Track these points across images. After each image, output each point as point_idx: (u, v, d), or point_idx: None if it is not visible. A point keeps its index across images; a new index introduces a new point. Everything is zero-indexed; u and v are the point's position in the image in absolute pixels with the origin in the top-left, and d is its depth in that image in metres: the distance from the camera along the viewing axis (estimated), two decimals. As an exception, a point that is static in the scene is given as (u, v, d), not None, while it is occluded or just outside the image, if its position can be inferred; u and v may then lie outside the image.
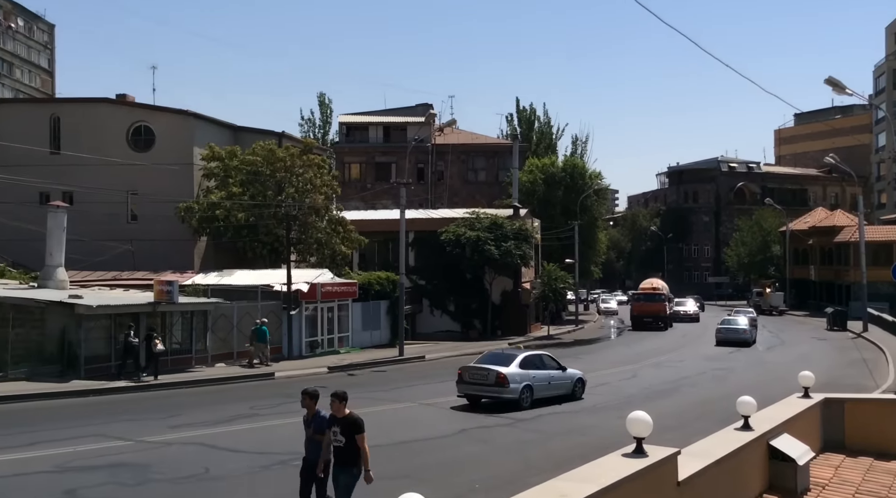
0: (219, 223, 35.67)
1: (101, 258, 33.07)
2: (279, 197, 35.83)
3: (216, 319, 29.27)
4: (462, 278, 43.77)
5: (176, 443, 14.99)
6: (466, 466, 13.74)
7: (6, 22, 78.51)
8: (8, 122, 38.19)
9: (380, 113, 64.10)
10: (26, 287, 27.02)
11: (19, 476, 12.19)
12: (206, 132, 39.00)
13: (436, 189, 59.37)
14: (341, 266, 39.38)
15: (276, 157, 36.45)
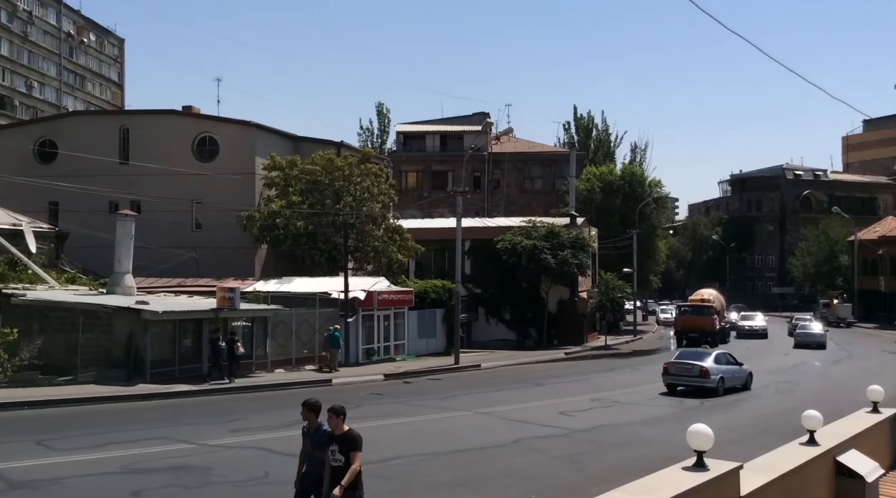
0: (279, 231, 36.40)
1: (166, 265, 34.05)
2: (337, 205, 36.39)
3: (276, 325, 29.83)
4: (518, 287, 43.60)
5: (236, 447, 15.30)
6: (522, 476, 13.65)
7: (79, 37, 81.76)
8: (80, 134, 39.75)
9: (436, 122, 64.50)
10: (95, 293, 27.98)
11: (89, 477, 12.62)
12: (267, 142, 39.88)
13: (492, 197, 59.37)
14: (397, 274, 39.70)
15: (334, 167, 37.09)
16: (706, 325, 45.56)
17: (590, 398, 23.73)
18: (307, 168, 36.96)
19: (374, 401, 23.13)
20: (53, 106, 74.70)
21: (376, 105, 79.84)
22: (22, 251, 29.95)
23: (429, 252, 43.02)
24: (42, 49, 75.74)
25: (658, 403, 23.59)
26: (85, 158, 36.90)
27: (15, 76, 71.82)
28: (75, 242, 34.51)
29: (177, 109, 41.98)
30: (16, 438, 15.62)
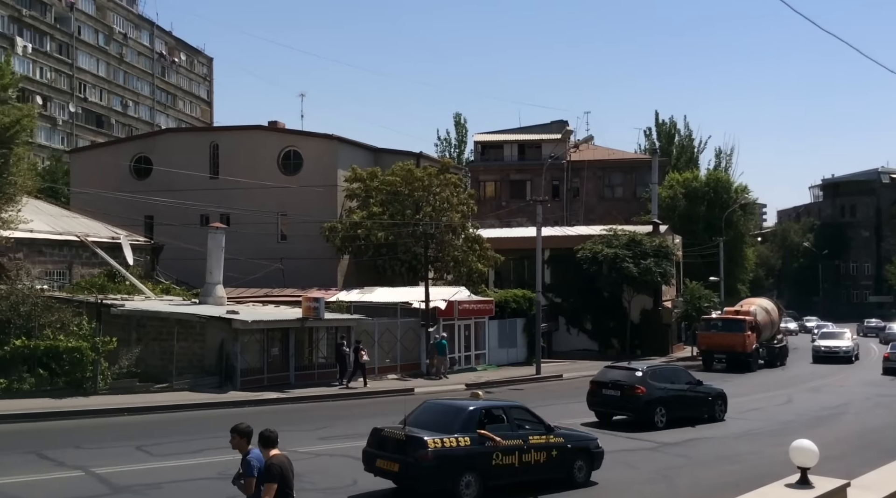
0: (360, 242, 37.02)
1: (253, 276, 35.10)
2: (417, 216, 36.77)
3: (358, 334, 30.27)
4: (599, 296, 42.98)
5: (324, 454, 15.60)
6: (610, 490, 13.41)
7: (170, 57, 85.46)
8: (173, 150, 41.49)
9: (514, 131, 64.39)
10: (189, 303, 29.08)
11: (186, 482, 13.10)
12: (348, 155, 40.67)
13: (571, 206, 58.79)
14: (477, 284, 39.76)
15: (414, 177, 37.52)
16: (736, 344, 37.14)
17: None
18: (387, 179, 37.50)
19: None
20: (147, 124, 78.27)
21: (454, 116, 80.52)
22: (120, 263, 31.43)
23: (508, 261, 42.91)
24: (136, 69, 79.52)
25: (751, 416, 22.78)
26: (177, 173, 38.53)
27: (112, 96, 75.62)
28: (169, 254, 35.97)
29: (263, 124, 43.33)
30: (117, 443, 16.34)
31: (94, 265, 31.49)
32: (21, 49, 61.10)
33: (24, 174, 20.40)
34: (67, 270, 31.04)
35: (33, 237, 28.37)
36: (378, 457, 12.24)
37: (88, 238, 31.70)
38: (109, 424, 18.92)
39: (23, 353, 21.43)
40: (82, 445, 15.73)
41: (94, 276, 30.59)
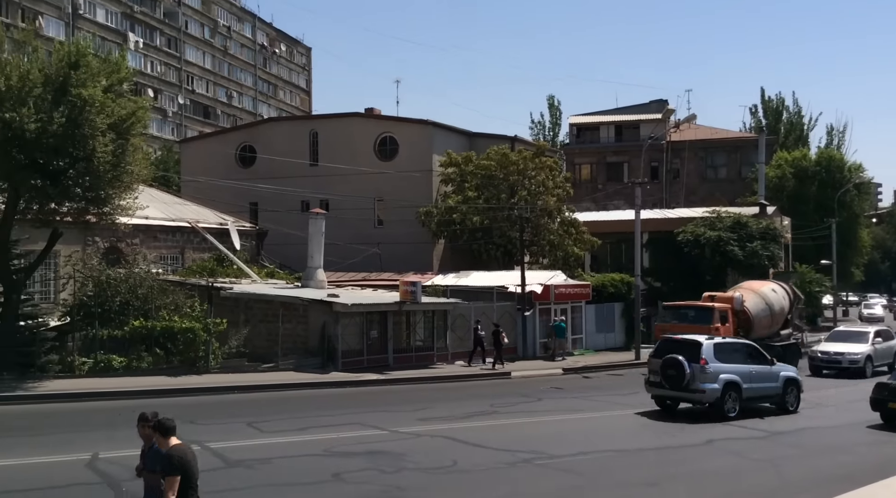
0: (455, 226, 37.25)
1: (352, 260, 35.92)
2: (512, 200, 36.64)
3: (455, 318, 30.52)
4: (701, 280, 41.56)
5: (425, 435, 15.86)
6: (715, 478, 13.06)
7: (271, 48, 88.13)
8: (275, 139, 42.84)
9: (611, 112, 63.05)
10: (292, 287, 30.06)
11: (294, 458, 13.61)
12: (443, 140, 40.89)
13: (671, 188, 57.14)
14: (574, 268, 39.31)
15: (509, 161, 37.38)
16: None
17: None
18: (482, 163, 37.52)
19: (555, 395, 23.07)
20: (250, 113, 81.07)
21: (547, 98, 79.86)
22: (228, 248, 32.83)
23: (605, 245, 42.20)
24: (239, 61, 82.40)
25: (863, 407, 21.56)
26: (280, 161, 39.82)
27: (217, 87, 78.70)
28: (273, 239, 37.28)
29: (359, 112, 44.09)
30: (229, 419, 17.13)
31: (204, 250, 32.99)
32: (133, 44, 64.32)
33: (139, 164, 21.44)
34: (180, 255, 32.66)
35: (149, 224, 29.97)
36: None
37: (199, 224, 33.22)
38: (221, 402, 19.83)
39: (141, 333, 22.72)
40: (197, 421, 16.56)
41: (205, 260, 32.04)
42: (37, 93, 18.88)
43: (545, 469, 13.22)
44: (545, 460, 13.74)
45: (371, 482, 12.03)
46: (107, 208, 21.11)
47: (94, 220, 21.97)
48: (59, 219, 21.27)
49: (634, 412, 19.64)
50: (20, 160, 19.03)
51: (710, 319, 28.47)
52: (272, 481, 11.88)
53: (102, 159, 19.39)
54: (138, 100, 22.15)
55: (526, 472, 12.94)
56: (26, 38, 20.90)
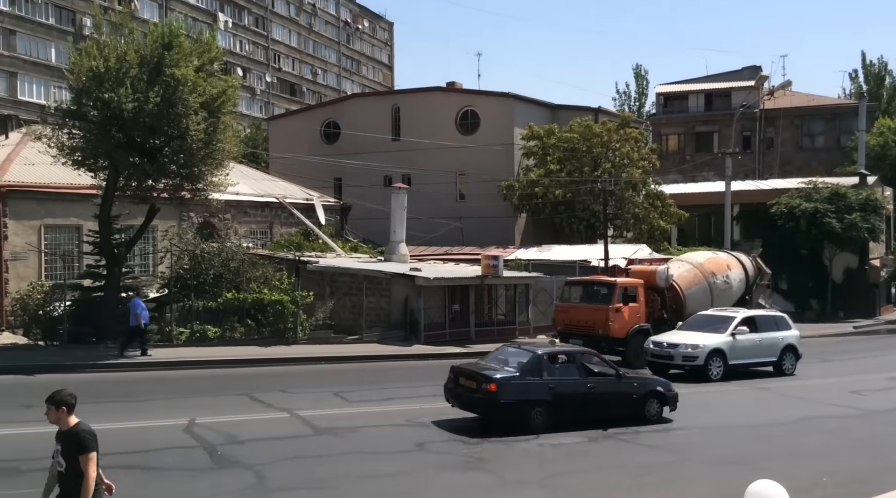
0: (537, 200, 36.96)
1: (434, 234, 36.19)
2: (596, 172, 36.04)
3: (537, 292, 30.39)
4: (796, 254, 40.06)
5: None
6: (809, 456, 12.65)
7: (355, 24, 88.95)
8: (358, 115, 43.38)
9: (700, 80, 60.85)
10: (375, 261, 30.58)
11: (379, 427, 13.95)
12: (525, 112, 40.49)
13: (764, 158, 54.87)
14: (659, 241, 38.46)
15: (592, 133, 36.76)
16: (596, 322, 22.93)
17: (887, 377, 21.23)
18: (565, 136, 37.05)
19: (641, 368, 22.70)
20: (334, 90, 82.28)
21: (634, 67, 77.74)
22: (314, 223, 33.64)
23: (692, 218, 41.06)
24: (324, 38, 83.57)
25: None
26: (363, 137, 40.36)
27: (303, 65, 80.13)
28: (356, 214, 37.94)
29: (441, 86, 44.11)
30: (316, 388, 17.66)
31: (291, 224, 33.90)
32: (223, 24, 66.07)
33: (230, 141, 22.11)
34: (269, 230, 33.67)
35: (239, 199, 30.98)
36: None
37: (286, 200, 34.12)
38: (309, 372, 20.45)
39: (233, 304, 23.61)
40: (287, 390, 17.17)
41: (292, 234, 32.94)
42: (133, 73, 19.65)
43: (631, 445, 13.11)
44: (628, 436, 13.61)
45: (454, 453, 12.20)
46: (200, 185, 21.92)
47: (189, 196, 22.84)
48: (156, 195, 22.21)
49: (726, 390, 19.18)
50: (119, 139, 19.92)
51: (608, 298, 22.94)
52: (358, 449, 12.21)
53: (195, 137, 20.09)
54: (228, 79, 22.75)
55: (607, 447, 12.87)
56: (123, 20, 21.73)
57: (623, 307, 22.90)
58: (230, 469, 10.71)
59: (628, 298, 23.28)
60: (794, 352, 21.73)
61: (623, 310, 22.86)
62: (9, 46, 48.52)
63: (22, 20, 49.43)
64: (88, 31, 43.60)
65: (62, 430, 6.50)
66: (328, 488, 10.05)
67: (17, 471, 10.31)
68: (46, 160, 22.10)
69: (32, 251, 25.18)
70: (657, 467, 11.73)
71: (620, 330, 22.64)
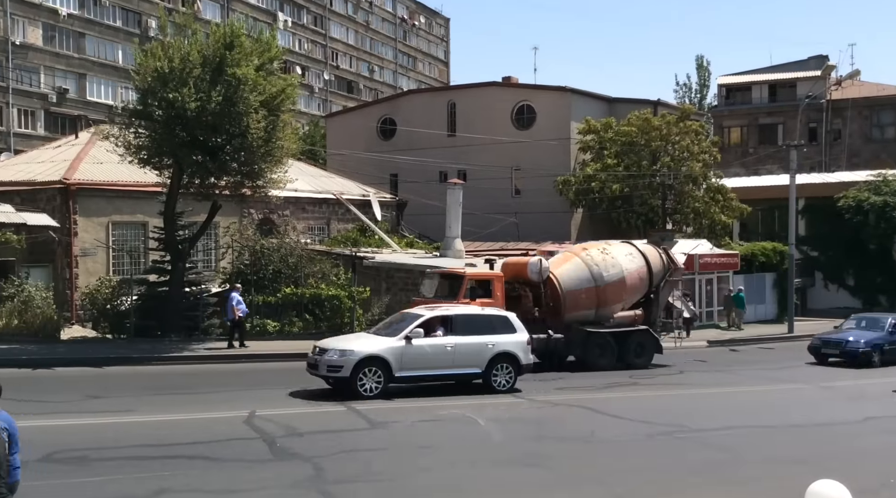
0: (594, 195, 36.56)
1: (489, 230, 36.14)
2: (654, 166, 35.46)
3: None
4: (864, 249, 38.64)
5: (562, 404, 15.84)
6: (875, 457, 12.23)
7: (411, 20, 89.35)
8: (414, 111, 43.59)
9: (764, 71, 59.16)
10: (430, 256, 30.69)
11: (433, 422, 14.05)
12: (582, 106, 40.08)
13: (831, 150, 53.05)
14: (720, 236, 37.64)
15: (651, 127, 36.16)
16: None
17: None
18: (622, 129, 36.54)
19: (698, 368, 22.34)
20: (391, 87, 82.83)
21: (695, 58, 76.27)
22: (370, 219, 33.98)
23: (755, 212, 40.04)
24: (380, 35, 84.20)
25: None
26: (418, 133, 40.55)
27: (360, 62, 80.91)
28: (412, 210, 38.14)
29: (497, 81, 43.97)
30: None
31: (348, 220, 34.31)
32: (282, 23, 67.18)
33: (289, 139, 22.50)
34: (326, 225, 34.15)
35: (297, 196, 31.50)
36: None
37: (343, 196, 34.55)
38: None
39: (291, 299, 24.04)
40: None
41: (349, 230, 33.34)
42: (196, 73, 20.15)
43: (686, 442, 12.89)
44: (687, 434, 13.39)
45: (509, 448, 12.20)
46: (260, 182, 22.37)
47: (249, 193, 23.32)
48: (218, 192, 22.75)
49: (785, 388, 18.68)
50: (182, 137, 20.47)
51: (456, 292, 20.36)
52: (412, 443, 12.32)
53: (255, 135, 20.51)
54: (287, 77, 23.15)
55: (666, 444, 12.68)
56: (186, 21, 22.28)
57: (471, 304, 19.28)
58: (289, 461, 10.93)
59: (480, 292, 20.27)
60: (512, 362, 16.74)
61: (473, 305, 19.13)
62: (78, 48, 50.30)
63: (91, 23, 51.18)
64: (153, 32, 44.91)
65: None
66: (384, 481, 10.16)
67: (86, 460, 10.70)
68: (114, 159, 22.87)
69: (101, 247, 26.10)
70: (711, 466, 11.50)
71: None
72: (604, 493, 10.15)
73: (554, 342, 20.41)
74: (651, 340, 21.99)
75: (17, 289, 22.71)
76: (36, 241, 24.19)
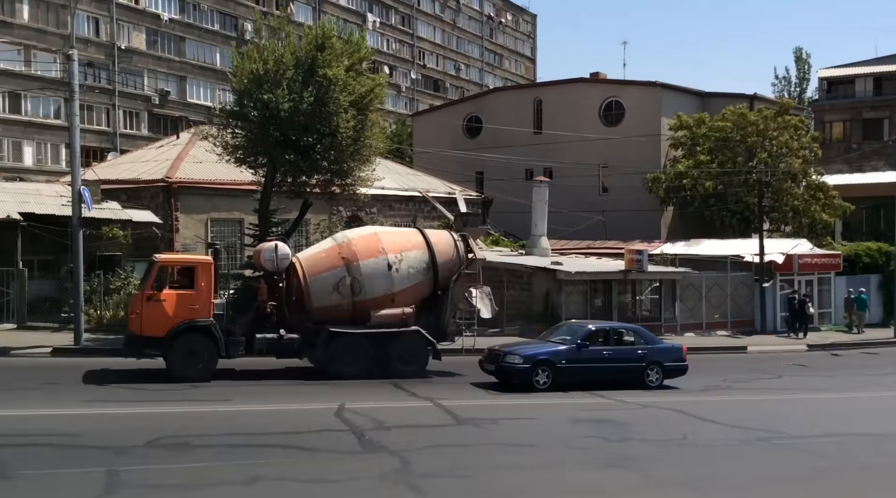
0: (685, 193, 35.67)
1: (575, 228, 35.72)
2: (750, 163, 34.29)
3: (684, 288, 29.35)
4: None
5: (652, 406, 15.50)
6: None
7: (497, 18, 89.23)
8: (500, 109, 43.54)
9: (869, 62, 56.12)
10: (516, 254, 30.65)
11: (519, 420, 13.99)
12: (673, 101, 39.14)
13: (943, 145, 49.93)
14: (821, 236, 36.05)
15: (746, 122, 35.03)
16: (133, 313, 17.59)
17: None
18: (716, 125, 35.54)
19: (798, 372, 21.52)
20: (477, 85, 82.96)
21: (794, 50, 73.01)
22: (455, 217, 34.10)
23: (859, 211, 38.20)
24: (467, 33, 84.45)
25: None
26: (504, 130, 40.48)
27: (446, 61, 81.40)
28: (497, 208, 38.10)
29: (584, 77, 43.40)
30: (456, 379, 17.94)
31: (434, 218, 34.56)
32: (371, 24, 68.32)
33: (377, 137, 22.89)
34: (412, 223, 34.47)
35: (385, 194, 32.01)
36: None
37: (429, 194, 34.80)
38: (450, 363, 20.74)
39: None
40: (430, 380, 17.57)
41: (434, 228, 33.55)
42: (289, 74, 20.74)
43: (783, 449, 12.39)
44: (784, 440, 12.87)
45: (595, 450, 12.02)
46: (349, 180, 22.84)
47: (339, 190, 23.82)
48: (309, 190, 23.35)
49: (889, 395, 17.72)
50: (276, 137, 21.11)
51: (160, 282, 16.89)
52: (497, 441, 12.31)
53: (345, 134, 20.96)
54: (376, 77, 23.53)
55: (762, 450, 12.22)
56: (280, 24, 22.95)
57: (164, 294, 16.51)
58: (377, 453, 11.11)
59: (178, 282, 17.08)
60: None
61: (165, 298, 16.47)
62: (179, 52, 52.56)
63: (190, 27, 53.38)
64: (249, 35, 46.47)
65: None
66: (469, 477, 10.20)
67: (188, 446, 11.18)
68: (212, 158, 23.81)
69: (200, 243, 27.24)
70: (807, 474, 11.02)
71: (155, 326, 16.28)
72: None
73: (287, 344, 17.32)
74: (423, 343, 18.08)
75: (123, 282, 23.96)
76: (140, 236, 25.47)
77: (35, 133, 44.04)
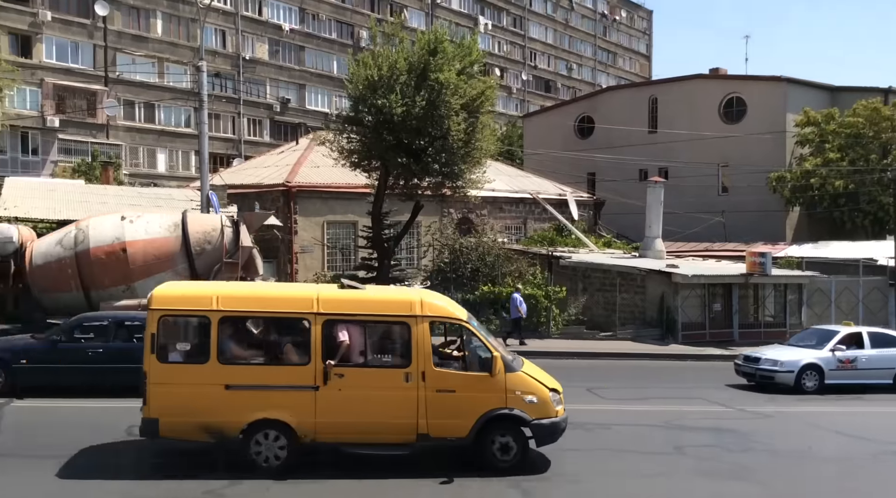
0: (813, 192, 33.87)
1: (693, 230, 34.56)
2: (884, 161, 32.13)
3: (811, 293, 27.82)
4: None
5: (776, 416, 14.79)
6: None
7: (612, 16, 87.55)
8: (613, 108, 42.72)
9: None
10: (629, 256, 29.93)
11: (633, 426, 13.65)
12: (800, 97, 37.21)
13: None
14: (966, 238, 33.22)
15: (881, 117, 32.99)
16: None
17: None
18: (847, 121, 33.56)
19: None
20: (589, 84, 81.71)
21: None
22: (566, 218, 33.77)
23: None
24: (579, 32, 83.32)
25: None
26: (618, 130, 39.70)
27: (558, 61, 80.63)
28: (610, 209, 37.44)
29: (703, 73, 41.99)
30: (569, 383, 17.49)
31: (544, 220, 34.37)
32: (483, 27, 68.61)
33: (487, 140, 22.98)
34: (522, 225, 34.45)
35: (495, 196, 32.06)
36: None
37: (539, 195, 34.65)
38: (561, 366, 20.41)
39: (489, 297, 24.47)
40: (540, 382, 17.40)
41: (545, 230, 33.37)
42: (402, 80, 21.14)
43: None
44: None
45: (715, 459, 11.58)
46: (459, 182, 23.03)
47: (449, 193, 24.08)
48: (420, 193, 23.73)
49: None
50: (389, 141, 21.57)
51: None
52: (612, 446, 12.08)
53: (456, 137, 21.16)
54: (486, 80, 23.61)
55: (893, 466, 11.41)
56: (394, 30, 23.44)
57: None
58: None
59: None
60: None
61: None
62: (299, 61, 54.63)
63: (309, 36, 55.39)
64: (364, 42, 47.73)
65: None
66: (581, 483, 10.08)
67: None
68: (329, 163, 24.62)
69: (317, 244, 28.22)
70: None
71: None
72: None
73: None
74: None
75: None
76: (263, 238, 26.64)
77: (167, 141, 46.90)
